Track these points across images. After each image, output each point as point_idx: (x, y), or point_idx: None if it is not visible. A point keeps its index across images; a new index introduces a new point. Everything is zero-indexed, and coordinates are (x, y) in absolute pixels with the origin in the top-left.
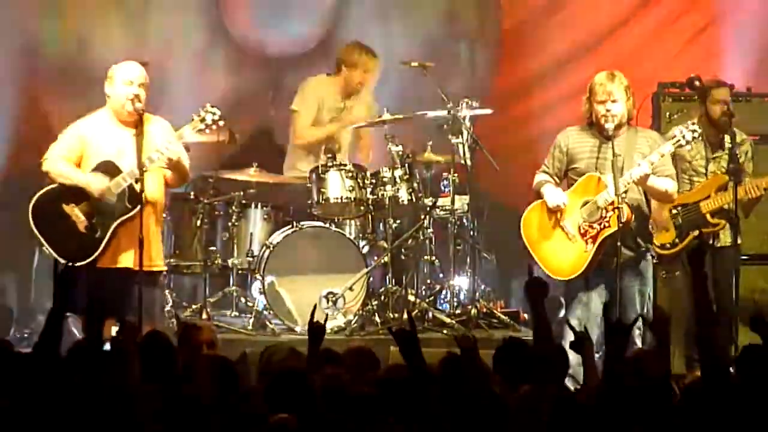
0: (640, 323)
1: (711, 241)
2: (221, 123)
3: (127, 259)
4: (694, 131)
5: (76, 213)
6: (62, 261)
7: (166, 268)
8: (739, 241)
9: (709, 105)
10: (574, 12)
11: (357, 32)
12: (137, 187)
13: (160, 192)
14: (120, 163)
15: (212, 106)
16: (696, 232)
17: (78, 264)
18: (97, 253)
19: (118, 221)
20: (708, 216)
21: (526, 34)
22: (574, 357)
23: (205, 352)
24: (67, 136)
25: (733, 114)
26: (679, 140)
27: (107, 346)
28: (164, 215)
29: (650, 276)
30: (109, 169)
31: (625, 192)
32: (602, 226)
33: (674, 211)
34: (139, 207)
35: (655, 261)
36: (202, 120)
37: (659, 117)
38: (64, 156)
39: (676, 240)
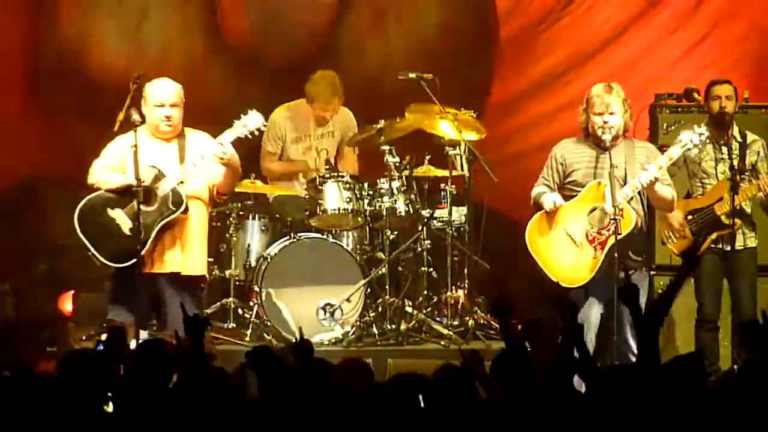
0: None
1: (720, 245)
2: (263, 128)
3: (171, 264)
4: (701, 134)
5: (122, 216)
6: (108, 263)
7: (206, 274)
8: (755, 244)
9: (709, 103)
10: (571, 23)
11: (355, 42)
12: (181, 189)
13: (205, 197)
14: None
15: (254, 111)
16: (714, 236)
17: (123, 265)
18: (142, 254)
19: (162, 222)
20: (723, 218)
21: (522, 44)
22: None
23: None
24: (108, 152)
25: (725, 108)
26: (686, 144)
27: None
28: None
29: (645, 288)
30: (154, 172)
31: (631, 199)
32: (610, 232)
33: (690, 217)
34: (183, 208)
35: (653, 273)
36: (245, 126)
37: (656, 128)
38: (106, 167)
39: None
